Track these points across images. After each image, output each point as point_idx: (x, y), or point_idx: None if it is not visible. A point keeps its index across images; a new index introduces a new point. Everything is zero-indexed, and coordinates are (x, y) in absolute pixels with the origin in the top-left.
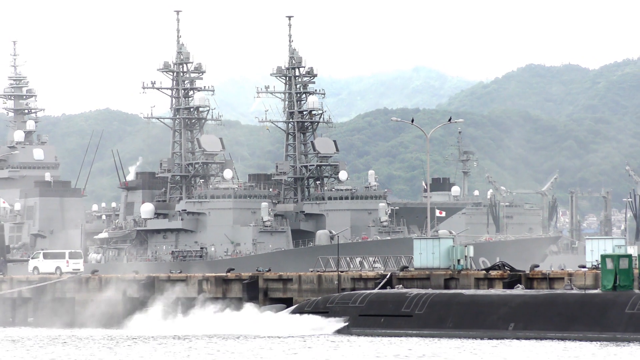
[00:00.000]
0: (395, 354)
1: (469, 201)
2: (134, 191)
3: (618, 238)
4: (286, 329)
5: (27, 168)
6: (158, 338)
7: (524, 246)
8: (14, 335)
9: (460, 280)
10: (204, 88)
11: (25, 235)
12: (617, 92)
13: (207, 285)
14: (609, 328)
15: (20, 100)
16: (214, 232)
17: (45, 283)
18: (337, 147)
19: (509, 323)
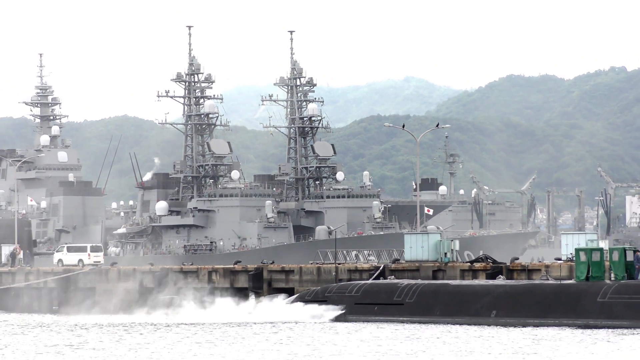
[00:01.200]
0: (387, 338)
1: (455, 199)
2: (150, 190)
3: (590, 233)
4: (288, 316)
5: (52, 169)
6: (176, 325)
7: (505, 240)
8: (40, 322)
9: (447, 272)
10: (213, 96)
11: (50, 230)
12: (589, 100)
13: (216, 277)
14: (583, 315)
15: (46, 108)
16: (222, 228)
17: (69, 274)
18: (334, 150)
19: (491, 311)
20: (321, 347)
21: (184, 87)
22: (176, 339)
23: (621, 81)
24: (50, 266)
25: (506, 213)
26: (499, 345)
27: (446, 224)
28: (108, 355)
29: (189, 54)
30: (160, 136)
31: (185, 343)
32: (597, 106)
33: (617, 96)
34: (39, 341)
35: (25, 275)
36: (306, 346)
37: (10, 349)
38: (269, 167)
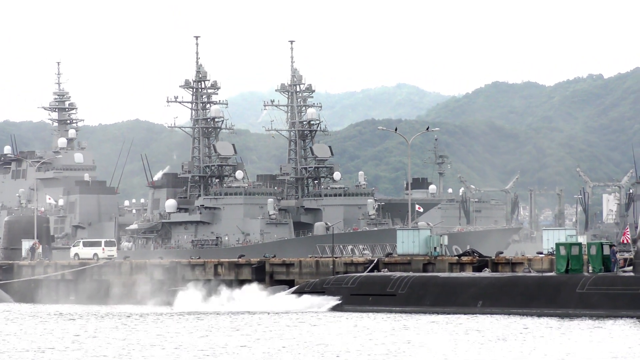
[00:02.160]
0: (381, 326)
1: (444, 198)
2: (160, 189)
3: (570, 229)
4: (289, 306)
5: (69, 170)
6: (186, 314)
7: (490, 236)
8: (59, 311)
9: (436, 265)
10: (219, 102)
11: (67, 226)
12: (569, 105)
13: (222, 269)
14: (563, 305)
15: (63, 112)
16: (227, 224)
17: (85, 267)
18: (332, 152)
19: (477, 301)
20: (320, 334)
21: (191, 93)
22: (194, 327)
23: (598, 87)
24: (67, 260)
25: (491, 210)
26: (484, 333)
27: (435, 220)
28: (117, 343)
29: (196, 62)
30: (170, 139)
31: (198, 330)
32: (576, 111)
33: (595, 101)
34: (58, 329)
35: (44, 268)
36: (306, 333)
37: (33, 336)
38: (271, 168)
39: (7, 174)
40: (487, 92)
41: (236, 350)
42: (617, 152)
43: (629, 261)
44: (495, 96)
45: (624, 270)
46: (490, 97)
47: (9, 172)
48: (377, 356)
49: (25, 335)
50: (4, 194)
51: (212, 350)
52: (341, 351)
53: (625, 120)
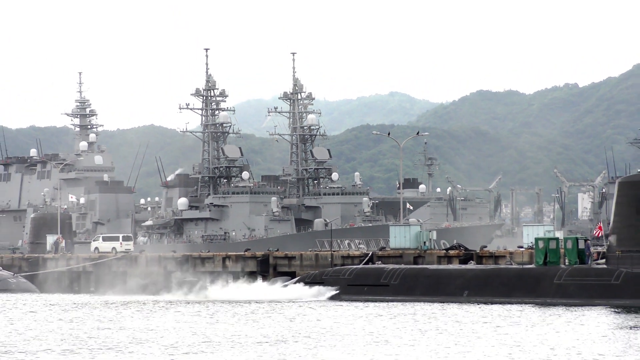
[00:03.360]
0: (375, 313)
1: (433, 196)
2: (173, 189)
3: (548, 225)
4: (291, 295)
5: (90, 171)
6: (196, 303)
7: (475, 231)
8: (80, 301)
9: (425, 258)
10: (227, 109)
11: (88, 223)
12: (547, 112)
13: (229, 262)
14: (541, 295)
15: (84, 118)
16: (234, 221)
17: (104, 260)
18: (330, 155)
19: (463, 291)
20: (320, 320)
21: (201, 101)
22: (206, 314)
23: (574, 95)
24: (87, 253)
25: (476, 208)
26: (470, 319)
27: (425, 217)
28: (132, 328)
29: (206, 72)
30: (182, 143)
31: (208, 317)
32: (553, 117)
33: (571, 108)
34: (78, 317)
35: (67, 261)
36: (307, 320)
37: (57, 324)
38: (274, 169)
39: (33, 174)
40: (472, 99)
41: (248, 335)
42: (591, 155)
43: (602, 254)
44: (479, 103)
45: (597, 262)
46: (475, 104)
47: (34, 173)
48: (371, 340)
49: (51, 322)
50: (30, 193)
51: (227, 332)
52: (340, 335)
53: (598, 126)
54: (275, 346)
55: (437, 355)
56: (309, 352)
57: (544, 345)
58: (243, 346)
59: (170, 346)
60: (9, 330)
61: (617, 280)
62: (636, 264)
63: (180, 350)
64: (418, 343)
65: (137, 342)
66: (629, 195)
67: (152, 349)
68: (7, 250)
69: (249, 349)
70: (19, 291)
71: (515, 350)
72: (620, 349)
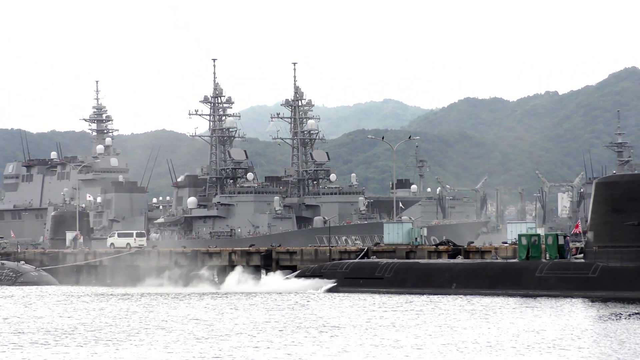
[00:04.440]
0: (369, 304)
1: (424, 196)
2: (183, 188)
3: (530, 222)
4: (293, 287)
5: (106, 172)
6: (208, 294)
7: (463, 228)
8: (97, 292)
9: (417, 253)
10: (233, 114)
11: (104, 220)
12: (530, 117)
13: (235, 257)
14: (524, 287)
15: (101, 124)
16: (240, 218)
17: (119, 255)
18: (328, 157)
19: (452, 283)
20: (320, 309)
21: (209, 107)
22: (213, 305)
23: (554, 102)
24: (104, 248)
25: (464, 206)
26: (457, 309)
27: (416, 215)
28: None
29: (214, 80)
30: (191, 146)
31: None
32: (535, 122)
33: (551, 114)
34: (96, 307)
35: (85, 255)
36: (308, 309)
37: (78, 313)
38: (277, 170)
39: (53, 175)
40: (459, 106)
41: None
42: (569, 157)
43: (580, 249)
44: (466, 110)
45: (576, 257)
46: (463, 110)
47: (55, 174)
48: (366, 327)
49: (70, 312)
50: (50, 193)
51: (236, 320)
52: (337, 324)
53: (576, 131)
54: (279, 332)
55: (425, 342)
56: (311, 338)
57: (526, 333)
58: (258, 330)
59: (197, 332)
60: (33, 317)
61: (594, 273)
62: (612, 259)
63: (212, 335)
64: (409, 330)
65: (151, 330)
66: (605, 195)
67: (177, 334)
68: (30, 245)
69: (261, 333)
70: (41, 283)
71: (499, 338)
72: (597, 338)
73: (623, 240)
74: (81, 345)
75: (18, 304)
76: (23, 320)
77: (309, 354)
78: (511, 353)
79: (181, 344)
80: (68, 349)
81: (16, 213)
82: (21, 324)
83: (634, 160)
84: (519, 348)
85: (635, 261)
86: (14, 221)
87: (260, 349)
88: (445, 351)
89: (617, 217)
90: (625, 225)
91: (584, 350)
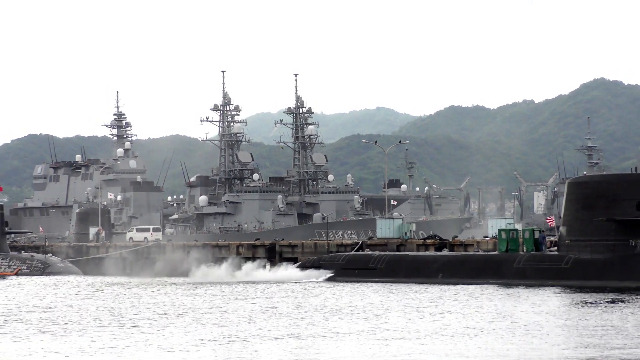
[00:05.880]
0: (365, 291)
1: (413, 194)
2: (195, 188)
3: (509, 218)
4: (294, 277)
5: (126, 173)
6: (217, 284)
7: (448, 224)
8: (118, 282)
9: (407, 246)
10: (240, 121)
11: (124, 216)
12: (509, 124)
13: (242, 249)
14: (503, 277)
15: (121, 129)
16: (246, 215)
17: (137, 247)
18: (326, 159)
19: (438, 273)
20: (319, 296)
21: (219, 114)
22: (233, 291)
23: (530, 110)
24: (124, 242)
25: (449, 204)
26: (443, 297)
27: (406, 211)
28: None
29: (223, 90)
30: (202, 149)
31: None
32: (514, 128)
33: (528, 121)
34: (118, 295)
35: (106, 249)
36: (308, 297)
37: (99, 300)
38: (280, 172)
39: (78, 176)
40: (445, 113)
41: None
42: (544, 160)
43: (554, 243)
44: (452, 116)
45: (550, 250)
46: (448, 117)
47: (79, 175)
48: (361, 311)
49: (95, 299)
50: (75, 192)
51: (247, 305)
52: (336, 308)
53: (551, 135)
54: (283, 318)
55: (413, 325)
56: (312, 321)
57: (505, 318)
58: (270, 314)
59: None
60: (58, 302)
61: (567, 264)
62: (582, 251)
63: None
64: (400, 314)
65: (167, 315)
66: (577, 194)
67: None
68: (57, 239)
69: (271, 318)
70: (66, 274)
71: (479, 323)
72: (568, 322)
73: (593, 235)
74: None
75: (50, 292)
76: (55, 306)
77: (313, 331)
78: (492, 336)
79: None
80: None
81: (44, 210)
82: (53, 310)
83: (603, 162)
84: (498, 331)
85: (604, 253)
86: (42, 217)
87: (277, 328)
88: (432, 332)
89: (588, 213)
90: (595, 221)
91: (558, 333)
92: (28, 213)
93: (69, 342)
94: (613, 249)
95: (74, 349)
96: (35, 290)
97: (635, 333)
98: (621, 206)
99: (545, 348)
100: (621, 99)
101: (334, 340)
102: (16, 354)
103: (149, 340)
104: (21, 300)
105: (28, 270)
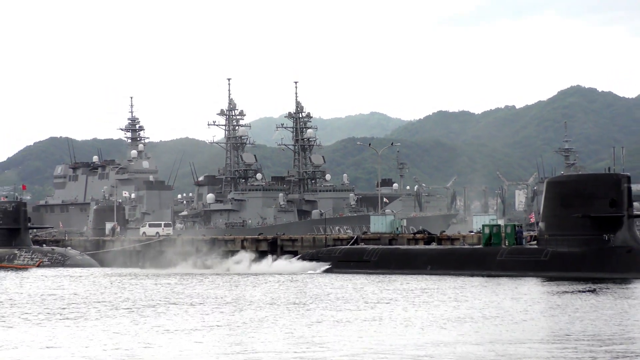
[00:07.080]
0: (360, 282)
1: (404, 192)
2: (203, 187)
3: (492, 215)
4: (294, 269)
5: (139, 173)
6: (223, 275)
7: (436, 220)
8: (132, 274)
9: (398, 240)
10: (244, 125)
11: (137, 213)
12: (493, 127)
13: (246, 243)
14: (487, 268)
15: (134, 132)
16: (250, 211)
17: (149, 241)
18: (324, 160)
19: (427, 265)
20: (318, 286)
21: (225, 119)
22: (227, 284)
23: (512, 115)
24: (137, 236)
25: (437, 201)
26: (432, 287)
27: (397, 208)
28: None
29: (228, 96)
30: (210, 151)
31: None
32: (497, 131)
33: (509, 125)
34: (132, 285)
35: (121, 242)
36: (307, 286)
37: (114, 289)
38: (281, 172)
39: (95, 176)
40: (434, 118)
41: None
42: (525, 161)
43: (534, 237)
44: (440, 121)
45: (530, 243)
46: (436, 121)
47: (96, 174)
48: (357, 300)
49: (110, 288)
50: (93, 190)
51: (253, 295)
52: (332, 297)
53: (531, 138)
54: (285, 305)
55: (403, 312)
56: (312, 309)
57: (488, 306)
58: (273, 304)
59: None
60: (76, 291)
61: (546, 257)
62: (560, 245)
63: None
64: (392, 302)
65: (180, 304)
66: (555, 192)
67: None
68: (75, 234)
69: (275, 306)
70: (85, 266)
71: (465, 310)
72: (547, 310)
73: (569, 230)
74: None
75: (74, 282)
76: (77, 294)
77: (315, 316)
78: (476, 323)
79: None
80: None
81: (64, 207)
82: (74, 297)
83: (579, 163)
84: (481, 318)
85: (580, 247)
86: (62, 214)
87: (280, 313)
88: (421, 318)
89: (565, 210)
90: (572, 217)
91: (537, 320)
92: (49, 210)
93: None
94: (588, 243)
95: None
96: (62, 281)
97: (607, 315)
98: (596, 203)
99: (531, 330)
100: (596, 104)
101: (332, 327)
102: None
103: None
104: (63, 291)
105: (49, 263)
